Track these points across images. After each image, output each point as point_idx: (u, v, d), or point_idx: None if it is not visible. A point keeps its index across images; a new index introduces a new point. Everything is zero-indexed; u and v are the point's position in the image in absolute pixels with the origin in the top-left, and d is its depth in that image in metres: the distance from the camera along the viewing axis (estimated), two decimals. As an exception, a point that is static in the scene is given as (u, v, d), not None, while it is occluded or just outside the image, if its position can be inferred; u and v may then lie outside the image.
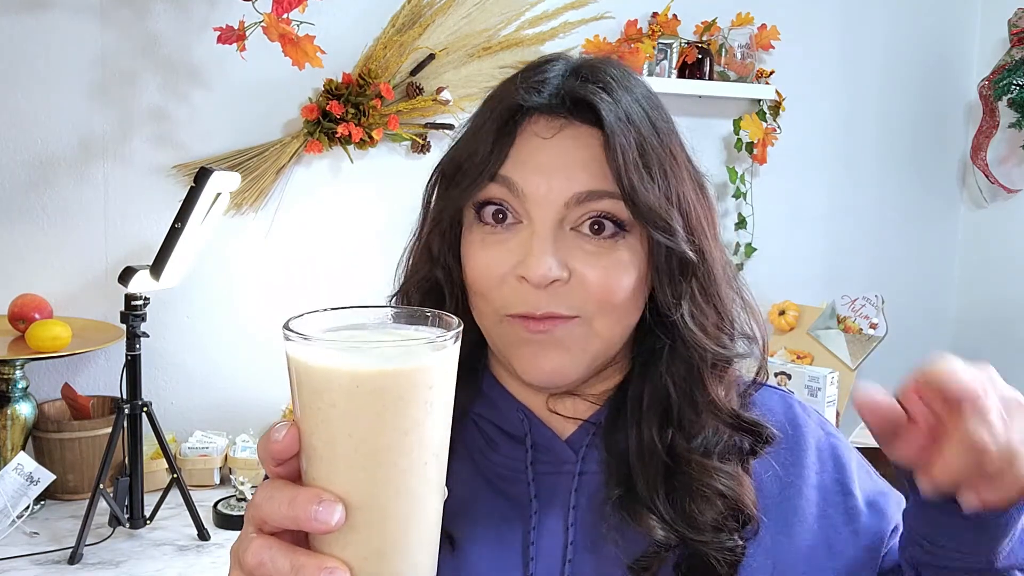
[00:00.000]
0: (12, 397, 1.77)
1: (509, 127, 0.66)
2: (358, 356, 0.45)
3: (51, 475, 1.69)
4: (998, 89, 2.55)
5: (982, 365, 0.53)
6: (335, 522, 0.43)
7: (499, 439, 0.73)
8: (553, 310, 0.64)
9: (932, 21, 2.73)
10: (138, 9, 1.95)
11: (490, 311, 0.68)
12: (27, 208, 1.93)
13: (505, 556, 0.70)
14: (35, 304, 1.82)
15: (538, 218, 0.64)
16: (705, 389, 0.68)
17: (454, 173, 0.68)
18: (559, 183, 0.64)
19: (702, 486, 0.67)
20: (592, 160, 0.64)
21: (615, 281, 0.65)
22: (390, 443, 0.45)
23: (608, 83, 0.66)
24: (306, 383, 0.46)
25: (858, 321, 2.36)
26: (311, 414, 0.45)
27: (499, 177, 0.65)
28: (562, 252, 0.64)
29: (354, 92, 2.05)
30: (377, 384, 0.44)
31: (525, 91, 0.66)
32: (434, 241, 0.71)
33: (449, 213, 0.69)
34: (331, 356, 0.45)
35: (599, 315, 0.66)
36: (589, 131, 0.65)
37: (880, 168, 2.72)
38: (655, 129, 0.66)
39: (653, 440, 0.68)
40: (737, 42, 2.41)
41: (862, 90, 2.67)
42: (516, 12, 2.21)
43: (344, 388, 0.44)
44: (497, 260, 0.66)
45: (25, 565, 1.54)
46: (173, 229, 1.67)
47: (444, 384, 0.47)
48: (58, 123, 1.93)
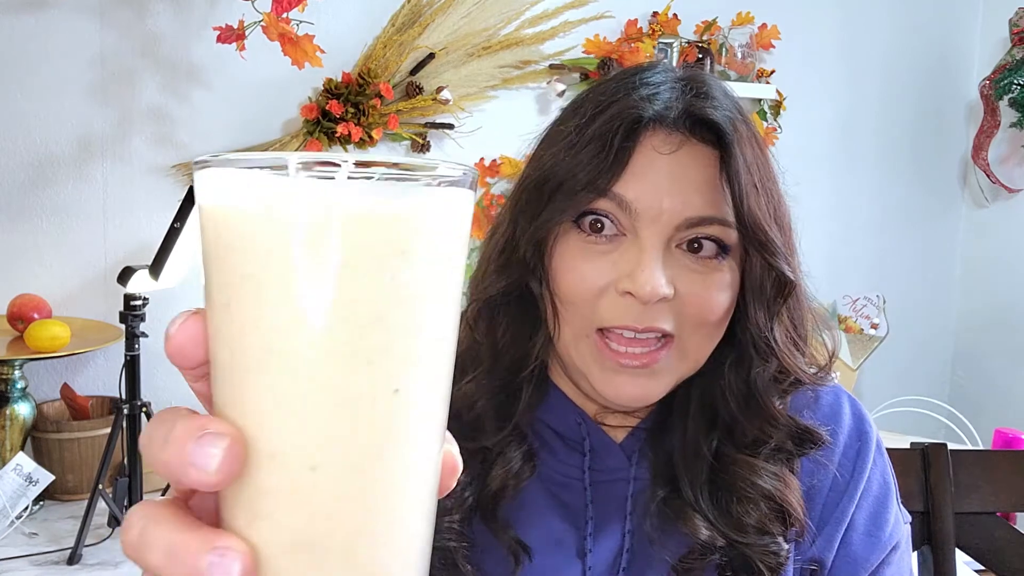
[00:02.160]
0: (11, 397, 1.77)
1: (628, 138, 0.63)
2: (293, 192, 0.27)
3: (50, 475, 1.69)
4: (999, 89, 2.55)
5: None
6: (215, 467, 0.27)
7: (556, 444, 0.72)
8: (655, 325, 0.63)
9: (933, 21, 2.73)
10: (138, 9, 1.95)
11: (579, 323, 0.65)
12: (26, 208, 1.93)
13: (561, 564, 0.69)
14: (34, 304, 1.82)
15: (647, 236, 0.63)
16: (768, 400, 0.67)
17: (559, 183, 0.65)
18: (673, 205, 0.62)
19: (748, 486, 0.66)
20: (706, 183, 0.63)
21: (715, 300, 0.64)
22: (345, 339, 0.27)
23: (721, 101, 0.65)
24: (224, 242, 0.28)
25: (859, 321, 2.36)
26: (217, 296, 0.28)
27: (611, 193, 0.63)
28: (670, 270, 0.63)
29: (354, 91, 2.05)
30: (322, 233, 0.26)
31: (642, 101, 0.64)
32: (529, 251, 0.67)
33: (552, 224, 0.65)
34: (259, 194, 0.27)
35: (693, 333, 0.65)
36: (706, 151, 0.64)
37: (881, 168, 2.72)
38: (757, 142, 0.66)
39: (699, 441, 0.68)
40: (737, 41, 2.41)
41: (863, 90, 2.67)
42: (516, 11, 2.21)
43: (274, 242, 0.26)
44: (598, 272, 0.64)
45: (24, 566, 1.54)
46: (172, 229, 1.67)
47: (435, 251, 0.28)
48: (58, 123, 1.93)
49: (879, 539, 0.72)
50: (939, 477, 1.05)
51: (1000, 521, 1.08)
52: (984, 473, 1.07)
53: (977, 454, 1.12)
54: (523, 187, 0.69)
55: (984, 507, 1.07)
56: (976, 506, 1.06)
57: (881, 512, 0.73)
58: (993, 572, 1.08)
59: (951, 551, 1.05)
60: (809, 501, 0.71)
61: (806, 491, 0.71)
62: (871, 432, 0.75)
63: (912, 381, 2.70)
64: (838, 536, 0.70)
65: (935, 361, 2.83)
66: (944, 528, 1.04)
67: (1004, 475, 1.08)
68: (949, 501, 1.05)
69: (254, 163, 0.27)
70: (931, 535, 1.05)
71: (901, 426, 2.28)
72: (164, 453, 0.28)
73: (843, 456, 0.73)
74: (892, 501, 0.74)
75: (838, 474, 0.72)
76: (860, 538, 0.71)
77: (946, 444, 1.07)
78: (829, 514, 0.71)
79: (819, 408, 0.74)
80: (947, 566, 1.04)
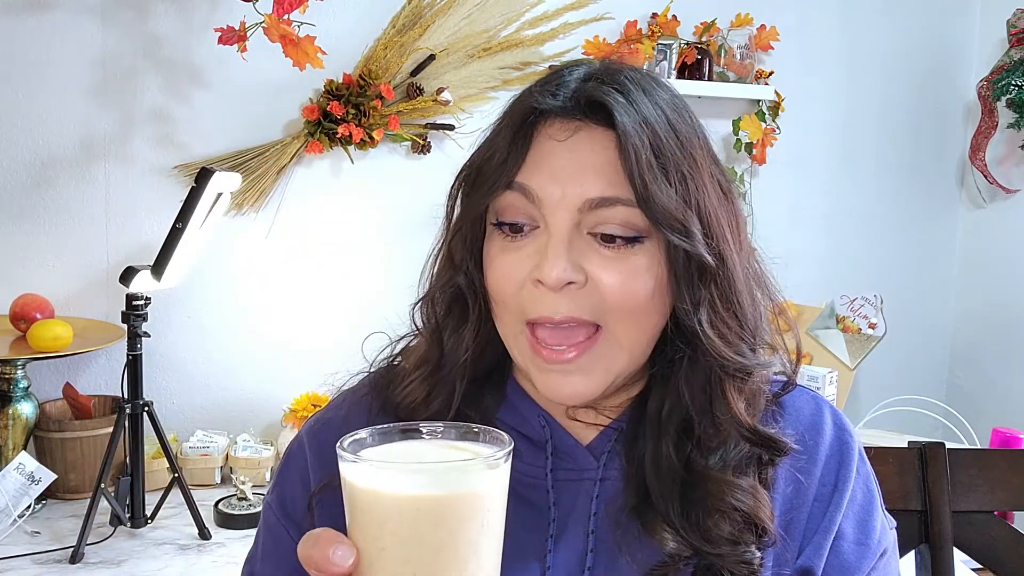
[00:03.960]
0: (13, 397, 1.78)
1: (525, 130, 0.66)
2: (418, 479, 0.45)
3: (52, 475, 1.69)
4: (997, 89, 2.55)
5: None
6: (346, 563, 0.45)
7: (521, 445, 0.72)
8: (574, 314, 0.64)
9: (931, 22, 2.73)
10: (139, 10, 1.96)
11: (510, 319, 0.67)
12: (29, 208, 1.93)
13: (522, 564, 0.69)
14: (36, 304, 1.83)
15: (552, 223, 0.64)
16: (724, 400, 0.67)
17: (474, 179, 0.68)
18: (573, 188, 0.63)
19: (718, 502, 0.66)
20: (607, 164, 0.64)
21: (632, 286, 0.64)
22: (448, 567, 0.44)
23: (624, 85, 0.65)
24: (362, 507, 0.45)
25: (857, 321, 2.36)
26: (367, 537, 0.45)
27: (515, 184, 0.65)
28: (576, 255, 0.64)
29: (355, 93, 2.05)
30: (437, 509, 0.44)
31: (540, 94, 0.66)
32: (456, 248, 0.70)
33: (469, 219, 0.69)
34: (389, 480, 0.44)
35: (620, 322, 0.65)
36: (604, 133, 0.64)
37: (879, 168, 2.73)
38: (674, 131, 0.65)
39: (670, 455, 0.68)
40: (736, 43, 2.42)
41: (861, 90, 2.67)
42: (516, 13, 2.21)
43: (404, 515, 0.44)
44: (515, 266, 0.66)
45: (26, 564, 1.55)
46: (174, 229, 1.68)
47: (500, 503, 0.47)
48: (59, 123, 1.93)
49: (868, 547, 0.72)
50: (937, 476, 1.06)
51: (998, 520, 1.08)
52: (982, 472, 1.08)
53: (975, 453, 1.13)
54: (454, 186, 0.71)
55: (982, 506, 1.07)
56: (974, 505, 1.07)
57: (868, 520, 0.73)
58: (990, 571, 1.09)
59: (949, 550, 1.05)
60: (793, 512, 0.71)
61: (788, 501, 0.71)
62: (852, 442, 0.75)
63: (910, 380, 2.71)
64: (827, 545, 0.71)
65: (933, 360, 2.84)
66: (942, 527, 1.05)
67: (1001, 474, 1.08)
68: (947, 500, 1.06)
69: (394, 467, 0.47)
70: (929, 534, 1.06)
71: (899, 425, 2.29)
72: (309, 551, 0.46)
73: (825, 467, 0.73)
74: (877, 508, 0.75)
75: (821, 484, 0.72)
76: (851, 547, 0.71)
77: (944, 443, 1.08)
78: (816, 523, 0.71)
79: (800, 419, 0.74)
80: (945, 565, 1.05)
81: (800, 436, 0.72)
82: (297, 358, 2.10)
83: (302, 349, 2.11)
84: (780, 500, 0.71)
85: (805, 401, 0.76)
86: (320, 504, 0.71)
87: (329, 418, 0.77)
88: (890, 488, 1.05)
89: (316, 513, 0.71)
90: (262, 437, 2.05)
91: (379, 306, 1.97)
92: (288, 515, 0.74)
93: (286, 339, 2.12)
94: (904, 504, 1.06)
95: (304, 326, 2.13)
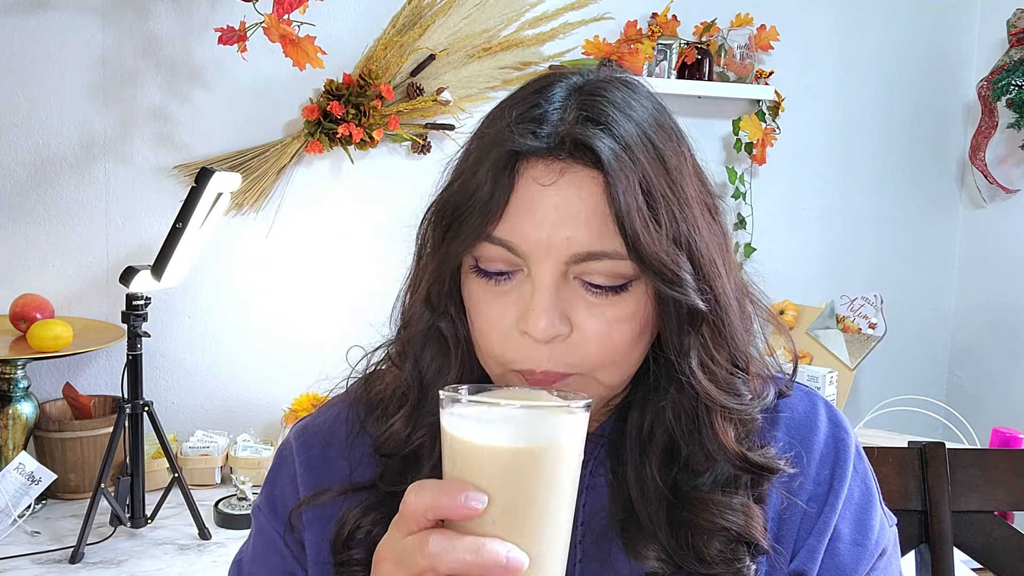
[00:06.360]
0: (13, 397, 1.78)
1: (506, 174, 0.60)
2: (520, 430, 0.51)
3: (52, 474, 1.69)
4: (997, 89, 2.55)
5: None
6: (482, 506, 0.49)
7: None
8: (556, 369, 0.62)
9: (931, 21, 2.74)
10: (139, 10, 1.96)
11: (493, 363, 0.65)
12: (28, 208, 1.93)
13: None
14: (36, 304, 1.83)
15: (537, 274, 0.61)
16: (713, 431, 0.65)
17: (449, 223, 0.63)
18: (559, 240, 0.60)
19: (708, 523, 0.65)
20: (594, 212, 0.60)
21: (617, 335, 0.62)
22: (548, 509, 0.51)
23: (608, 115, 0.61)
24: (465, 459, 0.51)
25: (857, 321, 2.36)
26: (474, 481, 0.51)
27: (498, 239, 0.61)
28: (563, 304, 0.61)
29: (355, 93, 2.05)
30: (538, 458, 0.51)
31: (521, 134, 0.60)
32: (433, 292, 0.67)
33: (449, 266, 0.65)
34: (492, 432, 0.51)
35: (602, 369, 0.63)
36: (591, 174, 0.60)
37: (879, 168, 2.73)
38: (663, 163, 0.62)
39: (655, 477, 0.66)
40: (736, 43, 2.42)
41: (861, 90, 2.67)
42: (516, 13, 2.22)
43: (507, 465, 0.50)
44: (499, 314, 0.63)
45: (26, 564, 1.55)
46: (174, 229, 1.68)
47: (580, 452, 0.54)
48: (59, 123, 1.93)
49: (866, 547, 0.70)
50: (937, 476, 1.06)
51: (997, 520, 1.08)
52: (981, 472, 1.08)
53: (975, 453, 1.13)
54: (425, 221, 0.67)
55: (981, 506, 1.07)
56: (974, 505, 1.07)
57: (865, 520, 0.71)
58: (990, 571, 1.09)
59: (949, 550, 1.06)
60: (785, 513, 0.69)
61: (780, 502, 0.69)
62: (849, 439, 0.73)
63: (910, 380, 2.71)
64: (821, 547, 0.69)
65: (933, 360, 2.84)
66: (942, 527, 1.05)
67: (1001, 474, 1.08)
68: (947, 500, 1.06)
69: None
70: (929, 534, 1.06)
71: (898, 425, 2.29)
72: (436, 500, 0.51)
73: (819, 466, 0.71)
74: (875, 507, 0.73)
75: (816, 484, 0.70)
76: (847, 548, 0.70)
77: (943, 443, 1.08)
78: (811, 525, 0.69)
79: (794, 416, 0.73)
80: (945, 565, 1.05)
81: (793, 434, 0.71)
82: (297, 358, 2.11)
83: (302, 349, 2.11)
84: (772, 503, 0.69)
85: (799, 398, 0.74)
86: (310, 508, 0.72)
87: (319, 423, 0.77)
88: (890, 488, 1.05)
89: (305, 516, 0.72)
90: (262, 437, 2.05)
91: (379, 306, 1.96)
92: (279, 517, 0.74)
93: (286, 339, 2.12)
94: (904, 504, 1.06)
95: (304, 326, 2.13)
